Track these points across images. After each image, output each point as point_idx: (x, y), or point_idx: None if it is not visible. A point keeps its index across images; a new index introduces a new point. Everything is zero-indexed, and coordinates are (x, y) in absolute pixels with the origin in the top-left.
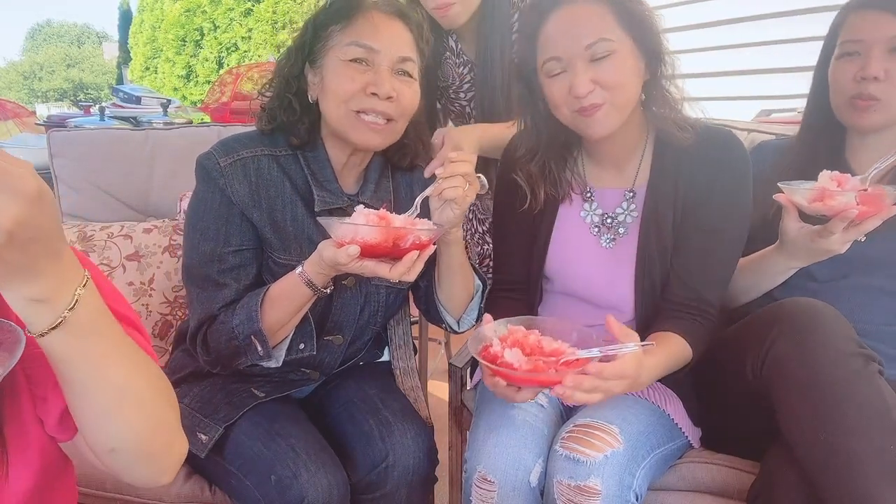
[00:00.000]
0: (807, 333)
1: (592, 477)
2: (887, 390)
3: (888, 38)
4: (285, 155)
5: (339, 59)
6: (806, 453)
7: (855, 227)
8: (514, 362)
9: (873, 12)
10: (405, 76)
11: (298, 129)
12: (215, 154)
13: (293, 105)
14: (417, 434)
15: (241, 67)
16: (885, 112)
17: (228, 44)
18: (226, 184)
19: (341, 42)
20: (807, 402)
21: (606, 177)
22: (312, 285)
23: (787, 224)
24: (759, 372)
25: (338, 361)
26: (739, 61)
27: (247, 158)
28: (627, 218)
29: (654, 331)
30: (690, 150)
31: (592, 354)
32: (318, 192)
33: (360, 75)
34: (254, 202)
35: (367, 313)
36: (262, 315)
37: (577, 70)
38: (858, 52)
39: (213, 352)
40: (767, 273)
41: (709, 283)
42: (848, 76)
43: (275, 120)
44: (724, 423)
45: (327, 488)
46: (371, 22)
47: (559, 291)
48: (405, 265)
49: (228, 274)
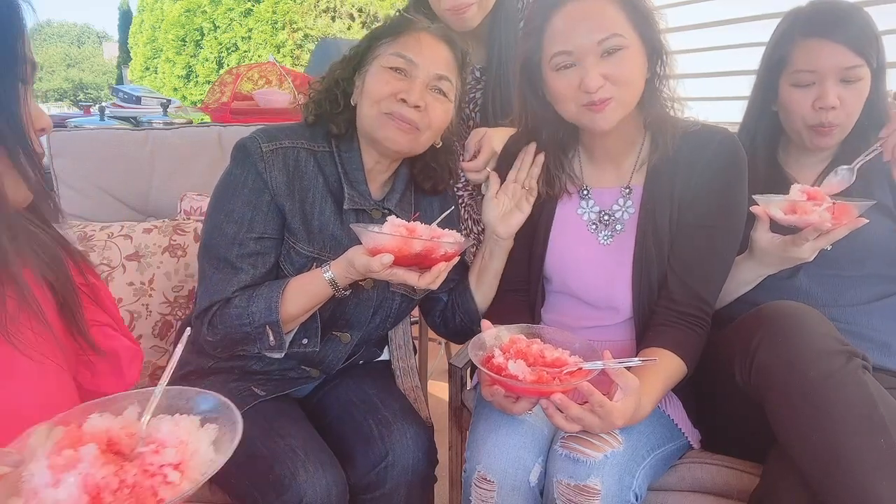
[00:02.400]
0: (787, 337)
1: (592, 477)
2: (873, 385)
3: (839, 69)
4: (322, 151)
5: (381, 66)
6: (801, 456)
7: (824, 236)
8: (518, 374)
9: (823, 42)
10: (439, 94)
11: (339, 120)
12: (259, 138)
13: (338, 99)
14: (417, 434)
15: (241, 67)
16: (842, 133)
17: (228, 44)
18: (265, 168)
19: (386, 52)
20: (795, 406)
21: (603, 175)
22: (336, 286)
23: (759, 234)
24: (749, 380)
25: (341, 360)
26: (739, 62)
27: (287, 148)
28: (624, 214)
29: (650, 342)
30: (687, 147)
31: (596, 367)
32: (349, 191)
33: (395, 81)
34: (288, 191)
35: (378, 317)
36: (282, 306)
37: (589, 65)
38: (813, 81)
39: (219, 333)
40: (739, 281)
41: (706, 280)
42: (805, 105)
43: (319, 108)
44: (723, 425)
45: (325, 488)
46: (417, 39)
47: (558, 291)
48: (433, 275)
49: (247, 259)
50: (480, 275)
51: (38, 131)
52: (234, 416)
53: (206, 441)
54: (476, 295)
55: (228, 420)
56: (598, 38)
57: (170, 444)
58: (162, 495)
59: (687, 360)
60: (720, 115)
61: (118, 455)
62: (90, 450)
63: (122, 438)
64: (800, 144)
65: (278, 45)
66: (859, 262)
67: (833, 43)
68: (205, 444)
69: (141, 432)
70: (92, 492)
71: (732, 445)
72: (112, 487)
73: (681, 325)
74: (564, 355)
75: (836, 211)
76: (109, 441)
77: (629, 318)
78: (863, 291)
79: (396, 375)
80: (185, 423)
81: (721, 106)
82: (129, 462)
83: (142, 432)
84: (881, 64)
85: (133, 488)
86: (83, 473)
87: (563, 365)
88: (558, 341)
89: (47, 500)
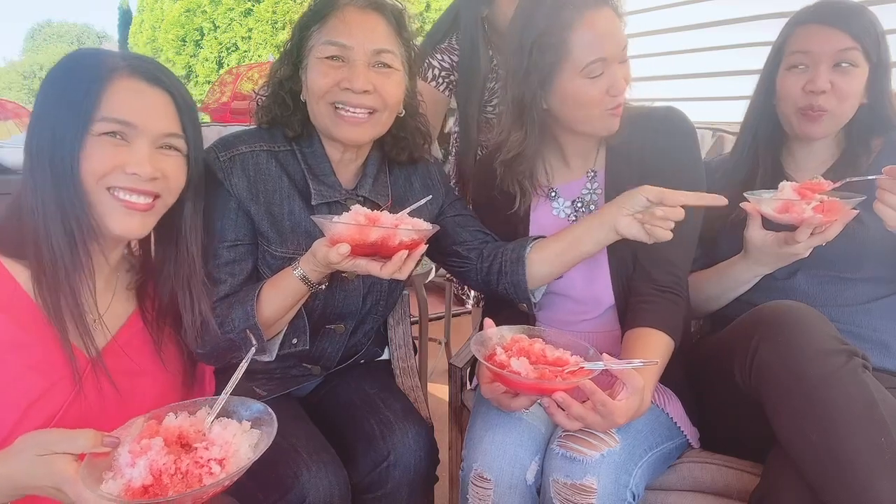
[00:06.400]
0: (787, 337)
1: (588, 475)
2: (873, 384)
3: (833, 52)
4: (283, 150)
5: (316, 58)
6: (801, 455)
7: (820, 233)
8: (521, 370)
9: (819, 26)
10: (384, 68)
11: (292, 122)
12: (214, 150)
13: (286, 101)
14: (418, 433)
15: (241, 67)
16: (832, 122)
17: (228, 44)
18: (224, 177)
19: (318, 41)
20: (794, 406)
21: (570, 169)
22: (308, 281)
23: (751, 232)
24: (748, 380)
25: (339, 353)
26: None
27: (245, 153)
28: (593, 196)
29: (633, 322)
30: (638, 126)
31: (597, 366)
32: (314, 186)
33: (333, 71)
34: (251, 195)
35: (369, 302)
36: (258, 309)
37: (616, 70)
38: (806, 64)
39: (208, 345)
40: (735, 281)
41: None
42: (796, 88)
43: (270, 114)
44: (723, 425)
45: (328, 488)
46: (343, 19)
47: (546, 290)
48: (395, 264)
49: (224, 269)
50: (566, 251)
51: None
52: (272, 423)
53: (246, 443)
54: (542, 267)
55: (268, 426)
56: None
57: (218, 442)
58: (205, 482)
59: (673, 334)
60: (720, 115)
61: (186, 446)
62: (158, 442)
63: (190, 433)
64: (791, 134)
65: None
66: (857, 263)
67: (828, 27)
68: (244, 446)
69: (205, 429)
70: (155, 473)
71: (732, 445)
72: (170, 472)
73: (658, 299)
74: (566, 355)
75: (825, 208)
76: (180, 434)
77: (611, 306)
78: (861, 292)
79: (396, 375)
80: (232, 427)
81: (721, 106)
82: (187, 454)
83: (206, 429)
84: (884, 61)
85: (185, 475)
86: (151, 459)
87: (565, 364)
88: (559, 343)
89: (126, 475)
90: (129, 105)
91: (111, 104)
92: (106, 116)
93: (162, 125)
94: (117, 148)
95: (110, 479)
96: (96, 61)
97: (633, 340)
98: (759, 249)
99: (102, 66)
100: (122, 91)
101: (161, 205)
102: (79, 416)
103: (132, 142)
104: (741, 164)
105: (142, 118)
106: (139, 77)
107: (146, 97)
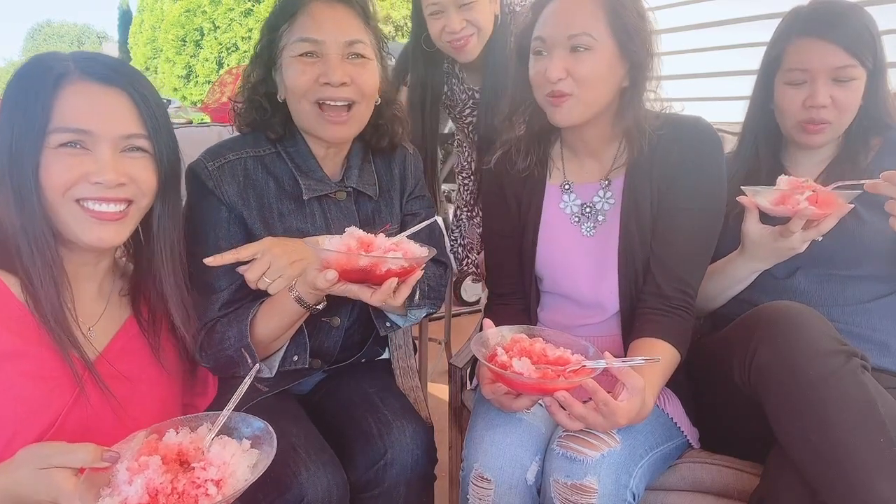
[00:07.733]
0: (786, 337)
1: (589, 476)
2: (872, 384)
3: (831, 68)
4: (269, 154)
5: (290, 57)
6: (800, 456)
7: (815, 227)
8: (523, 370)
9: (814, 41)
10: (358, 58)
11: (272, 124)
12: (203, 160)
13: (263, 105)
14: (416, 432)
15: (240, 67)
16: (833, 132)
17: (228, 44)
18: (215, 186)
19: (290, 40)
20: (794, 406)
21: (583, 170)
22: (303, 303)
23: (748, 225)
24: (748, 380)
25: (337, 346)
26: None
27: (234, 161)
28: (605, 205)
29: (640, 332)
30: (663, 138)
31: (599, 365)
32: (304, 182)
33: (309, 68)
34: (243, 201)
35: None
36: (252, 330)
37: (554, 55)
38: (804, 80)
39: (211, 358)
40: (733, 278)
41: (688, 263)
42: (796, 103)
43: (248, 119)
44: (723, 425)
45: (327, 487)
46: (312, 15)
47: (549, 291)
48: (384, 293)
49: (222, 277)
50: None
51: None
52: (272, 443)
53: (245, 464)
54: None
55: (268, 445)
56: (570, 32)
57: (216, 463)
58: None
59: (680, 347)
60: (720, 115)
61: (185, 464)
62: (155, 461)
63: (189, 451)
64: (793, 143)
65: None
66: (856, 262)
67: (825, 42)
68: (243, 466)
69: (204, 447)
70: (151, 493)
71: (732, 445)
72: (166, 492)
73: (668, 313)
74: (567, 354)
75: (819, 200)
76: (179, 451)
77: (615, 313)
78: (861, 291)
79: (396, 375)
80: (231, 447)
81: (721, 106)
82: (184, 473)
83: (205, 448)
84: (880, 64)
85: (182, 495)
86: (148, 478)
87: (566, 363)
88: (559, 342)
89: (122, 493)
90: (82, 111)
91: (63, 113)
92: (59, 127)
93: (121, 127)
94: (77, 158)
95: (107, 496)
96: (44, 68)
97: (638, 348)
98: (755, 244)
99: (50, 74)
100: (73, 97)
101: (135, 210)
102: (79, 422)
103: (93, 149)
104: (743, 164)
105: (98, 123)
106: (91, 79)
107: (100, 100)
